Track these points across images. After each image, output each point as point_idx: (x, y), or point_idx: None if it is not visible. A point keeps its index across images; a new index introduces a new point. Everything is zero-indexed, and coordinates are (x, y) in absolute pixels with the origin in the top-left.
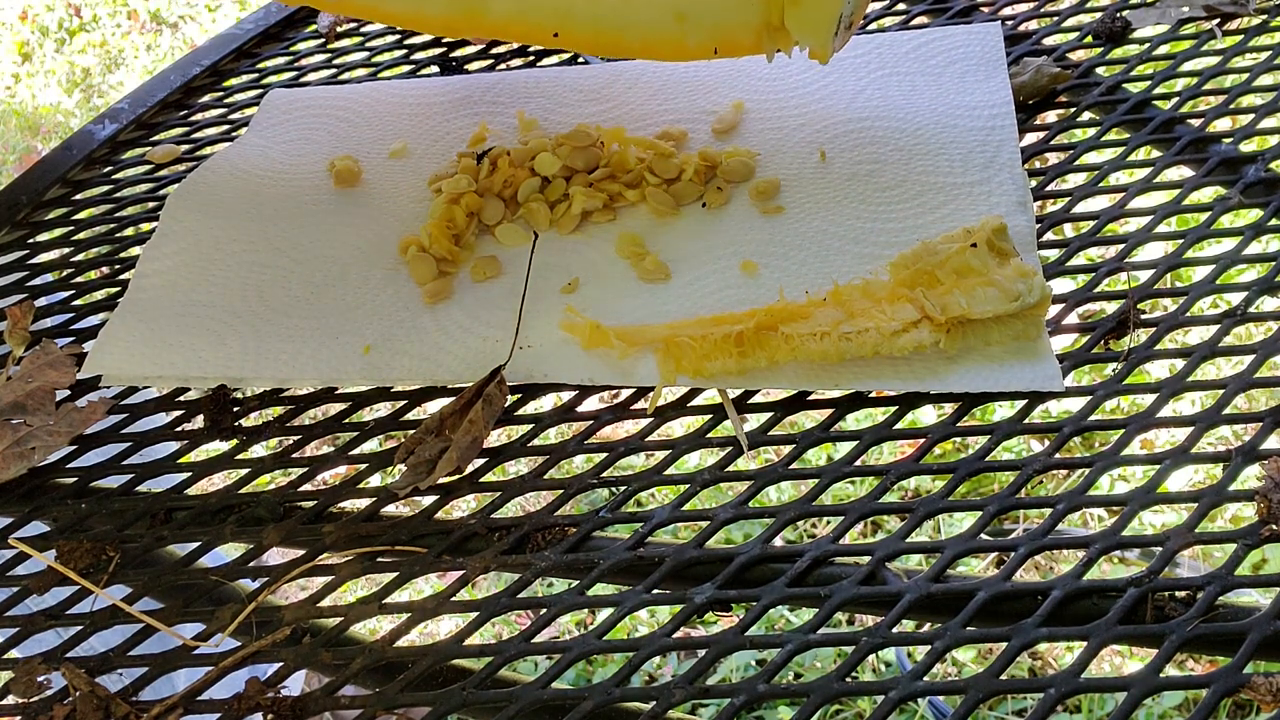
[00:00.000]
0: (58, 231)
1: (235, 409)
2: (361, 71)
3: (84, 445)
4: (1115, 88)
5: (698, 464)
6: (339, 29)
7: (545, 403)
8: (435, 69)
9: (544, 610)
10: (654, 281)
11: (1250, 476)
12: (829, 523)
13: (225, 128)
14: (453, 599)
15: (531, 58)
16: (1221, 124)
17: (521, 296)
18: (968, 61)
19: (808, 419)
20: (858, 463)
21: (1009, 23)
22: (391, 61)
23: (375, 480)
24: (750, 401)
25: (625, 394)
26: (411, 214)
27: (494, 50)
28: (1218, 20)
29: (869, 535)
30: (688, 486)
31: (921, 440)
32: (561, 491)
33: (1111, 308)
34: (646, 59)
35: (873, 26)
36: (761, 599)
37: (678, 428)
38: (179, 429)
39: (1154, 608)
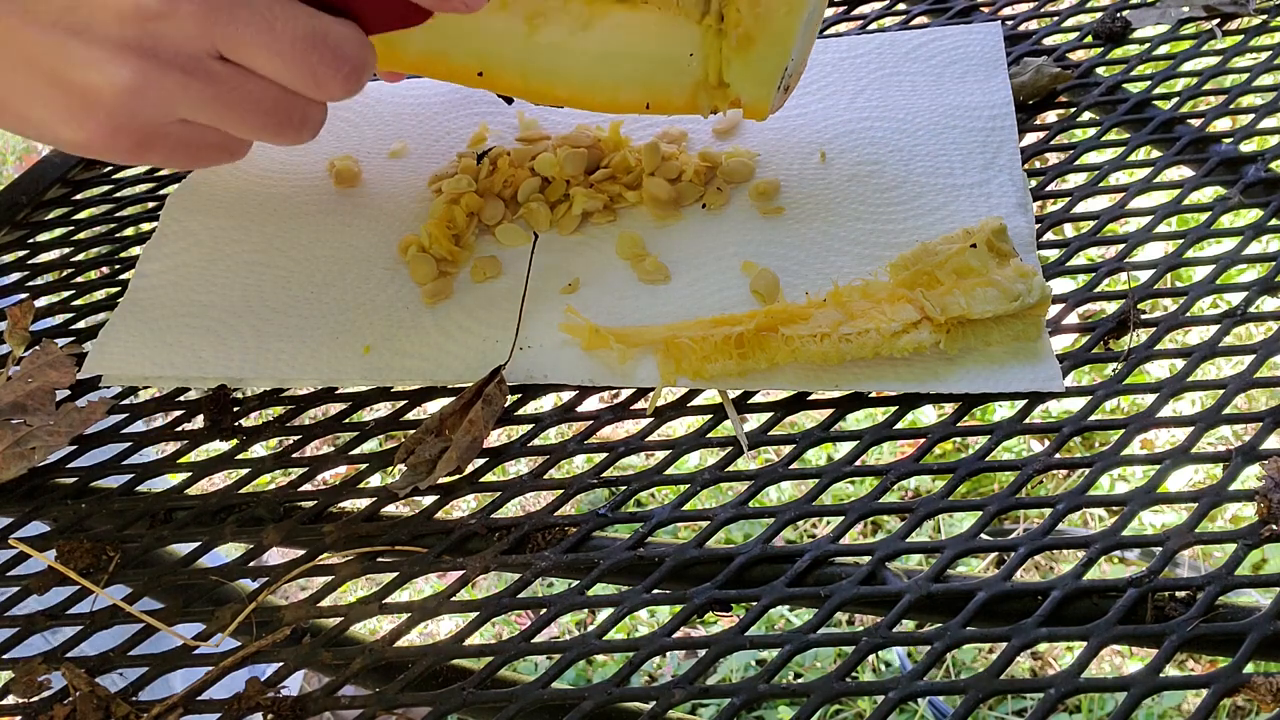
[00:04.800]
0: (58, 231)
1: (235, 409)
2: None
3: (84, 445)
4: (1115, 88)
5: (698, 464)
6: None
7: (545, 403)
8: None
9: (544, 610)
10: (654, 282)
11: (1250, 476)
12: (829, 523)
13: None
14: (453, 599)
15: None
16: (1221, 124)
17: (522, 297)
18: (968, 62)
19: (808, 419)
20: (858, 463)
21: (1009, 23)
22: None
23: (375, 480)
24: (750, 401)
25: (625, 394)
26: (411, 214)
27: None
28: (1218, 20)
29: (869, 535)
30: (688, 486)
31: (921, 440)
32: (561, 491)
33: (1111, 308)
34: (577, 109)
35: (873, 26)
36: (761, 599)
37: (678, 428)
38: (179, 429)
39: (1154, 608)
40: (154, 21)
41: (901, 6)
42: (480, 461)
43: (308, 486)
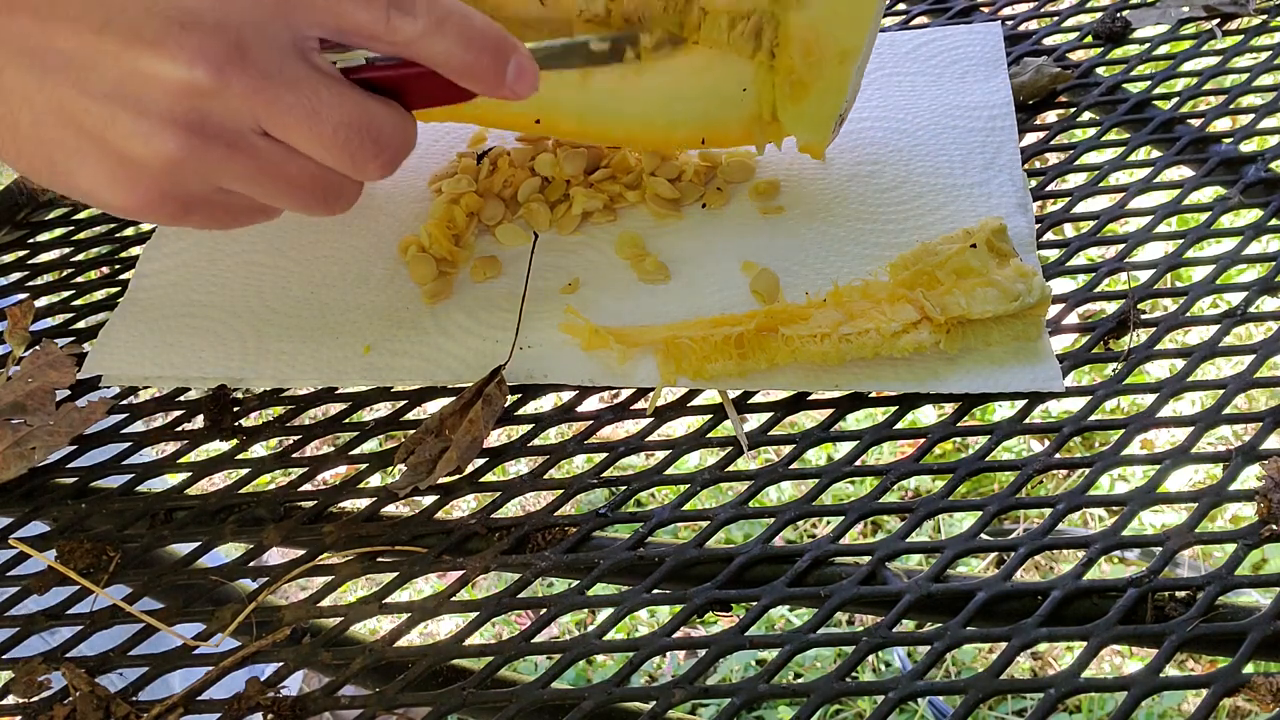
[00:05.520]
0: (58, 231)
1: (235, 409)
2: None
3: (84, 445)
4: (1115, 88)
5: (698, 464)
6: None
7: (545, 403)
8: None
9: (544, 610)
10: (654, 282)
11: (1250, 476)
12: (829, 523)
13: None
14: (453, 599)
15: None
16: (1221, 124)
17: (522, 297)
18: (968, 61)
19: (808, 419)
20: (858, 463)
21: (1009, 23)
22: None
23: (375, 480)
24: (750, 401)
25: (625, 394)
26: (411, 214)
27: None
28: (1218, 20)
29: (869, 535)
30: (688, 486)
31: (921, 440)
32: (561, 491)
33: (1111, 308)
34: (631, 148)
35: None
36: (761, 599)
37: (678, 428)
38: (179, 429)
39: (1154, 608)
40: (204, 98)
41: (901, 6)
42: (480, 461)
43: (308, 486)
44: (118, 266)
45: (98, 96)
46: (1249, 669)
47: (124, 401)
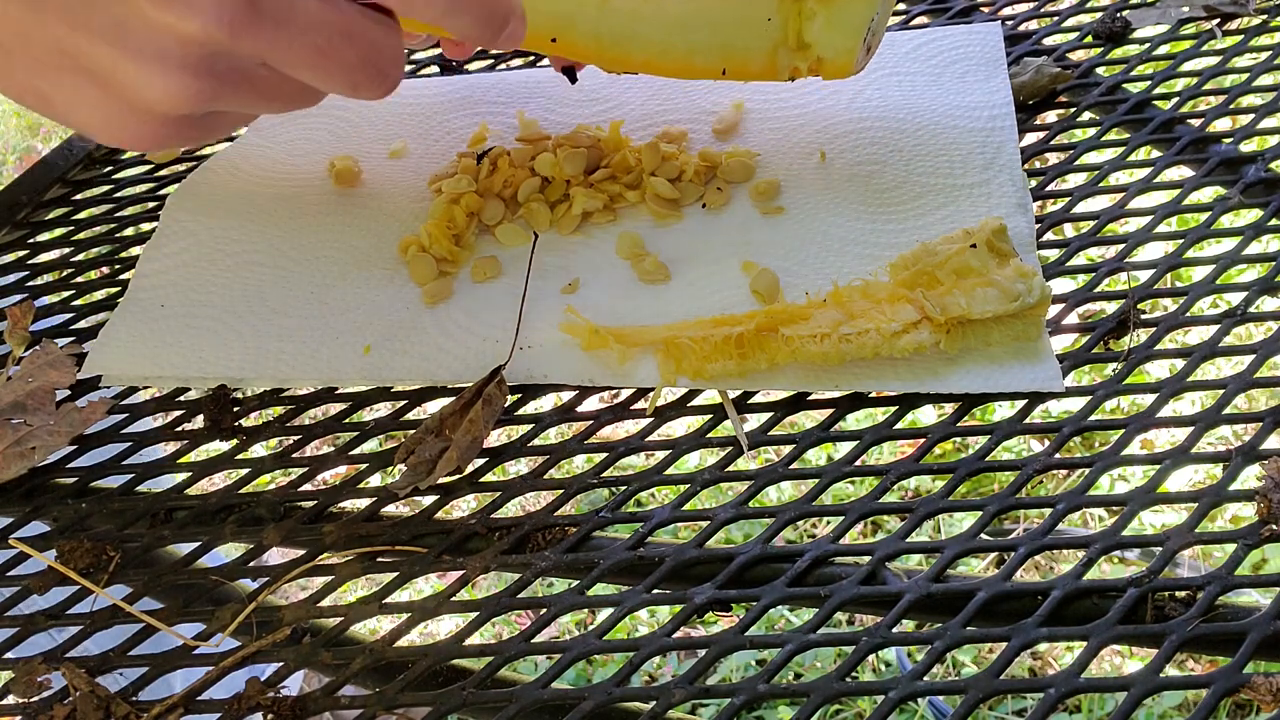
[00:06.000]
0: (58, 231)
1: (235, 409)
2: None
3: (84, 445)
4: (1115, 88)
5: (698, 464)
6: None
7: (545, 403)
8: (435, 69)
9: (544, 610)
10: (654, 282)
11: (1250, 476)
12: (829, 523)
13: None
14: (453, 599)
15: (531, 58)
16: (1221, 124)
17: (522, 297)
18: (968, 61)
19: (808, 419)
20: (858, 463)
21: (1009, 23)
22: None
23: (375, 480)
24: (750, 401)
25: (625, 394)
26: (411, 214)
27: (494, 50)
28: (1218, 20)
29: (869, 535)
30: (688, 486)
31: (921, 440)
32: (561, 491)
33: (1111, 308)
34: (650, 74)
35: None
36: (761, 599)
37: (678, 428)
38: (179, 429)
39: (1154, 608)
40: (215, 49)
41: (901, 6)
42: (480, 461)
43: (308, 486)
44: (118, 266)
45: (97, 37)
46: (1249, 669)
47: (124, 401)
